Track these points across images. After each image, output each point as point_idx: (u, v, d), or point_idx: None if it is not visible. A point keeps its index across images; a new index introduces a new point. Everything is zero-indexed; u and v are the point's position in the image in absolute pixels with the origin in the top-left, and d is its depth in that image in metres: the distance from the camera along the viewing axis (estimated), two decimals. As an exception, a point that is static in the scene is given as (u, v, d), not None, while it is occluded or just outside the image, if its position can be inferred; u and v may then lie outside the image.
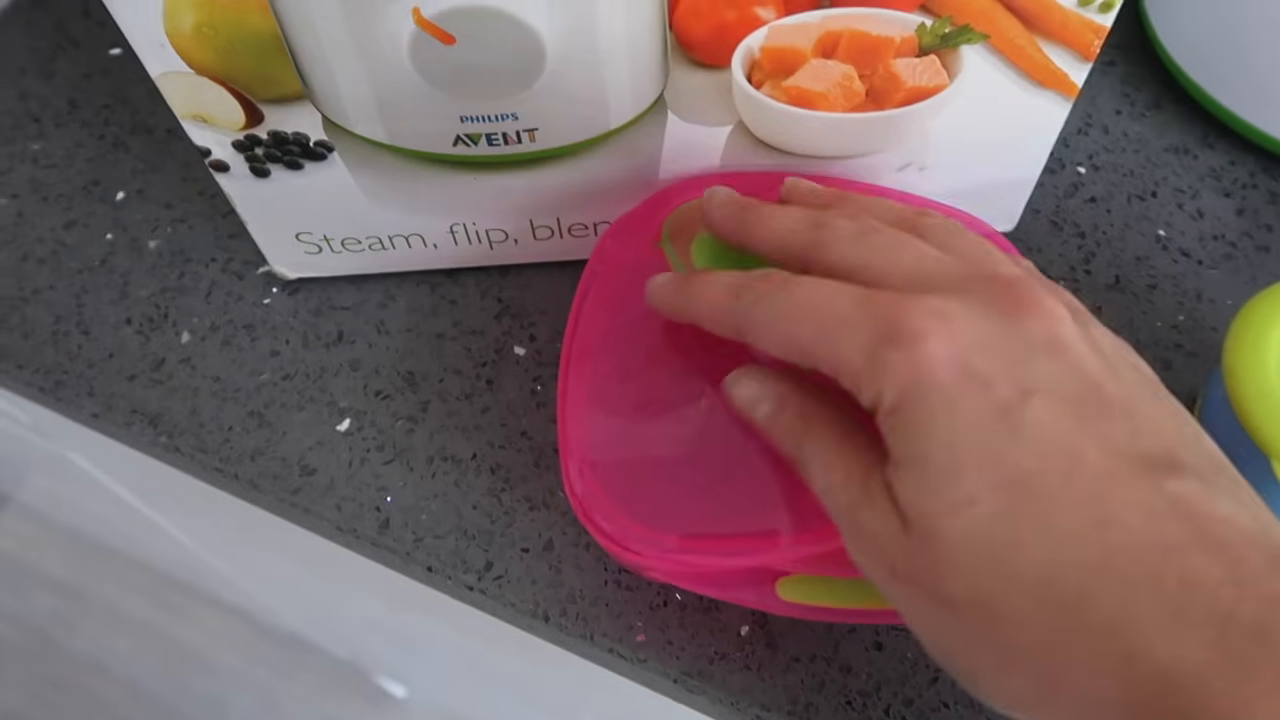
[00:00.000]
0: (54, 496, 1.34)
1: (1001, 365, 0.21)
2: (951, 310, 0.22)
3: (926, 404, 0.21)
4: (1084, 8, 0.31)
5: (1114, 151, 0.43)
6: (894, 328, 0.22)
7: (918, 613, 0.22)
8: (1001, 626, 0.20)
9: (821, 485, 0.25)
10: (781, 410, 0.27)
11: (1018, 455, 0.20)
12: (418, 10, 0.29)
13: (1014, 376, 0.21)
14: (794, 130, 0.34)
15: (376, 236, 0.39)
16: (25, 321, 0.41)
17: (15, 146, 0.46)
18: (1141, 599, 0.19)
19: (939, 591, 0.21)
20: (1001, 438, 0.20)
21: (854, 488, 0.23)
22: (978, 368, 0.21)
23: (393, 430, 0.38)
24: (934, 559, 0.21)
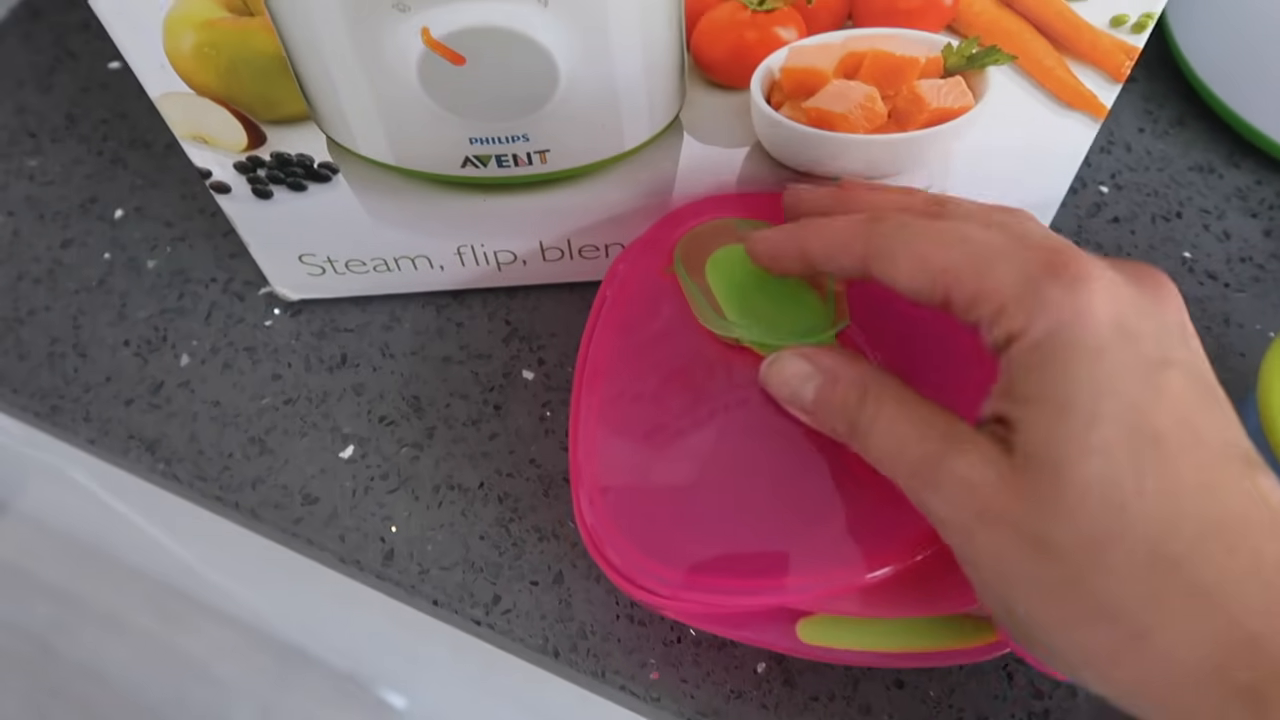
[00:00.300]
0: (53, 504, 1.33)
1: (1150, 330, 0.22)
2: (1107, 271, 0.22)
3: (1079, 346, 0.21)
4: (1116, 29, 0.30)
5: (1137, 170, 0.42)
6: (1059, 263, 0.22)
7: (998, 560, 0.22)
8: (1101, 575, 0.21)
9: (889, 445, 0.24)
10: (834, 386, 0.26)
11: (1155, 414, 0.21)
12: (427, 30, 0.28)
13: (1159, 343, 0.22)
14: (814, 152, 0.33)
15: (381, 258, 0.38)
16: (21, 343, 0.40)
17: (11, 162, 0.45)
18: (1241, 569, 0.20)
19: (1044, 534, 0.21)
20: (1144, 395, 0.21)
21: (934, 437, 0.23)
22: (1131, 325, 0.22)
23: (397, 457, 0.37)
24: (1050, 500, 0.21)
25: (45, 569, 1.36)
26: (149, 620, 1.32)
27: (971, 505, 0.22)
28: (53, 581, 1.36)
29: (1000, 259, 0.23)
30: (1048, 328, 0.22)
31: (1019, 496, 0.21)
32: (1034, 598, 0.22)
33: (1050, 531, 0.21)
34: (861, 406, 0.25)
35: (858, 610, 0.29)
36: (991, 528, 0.22)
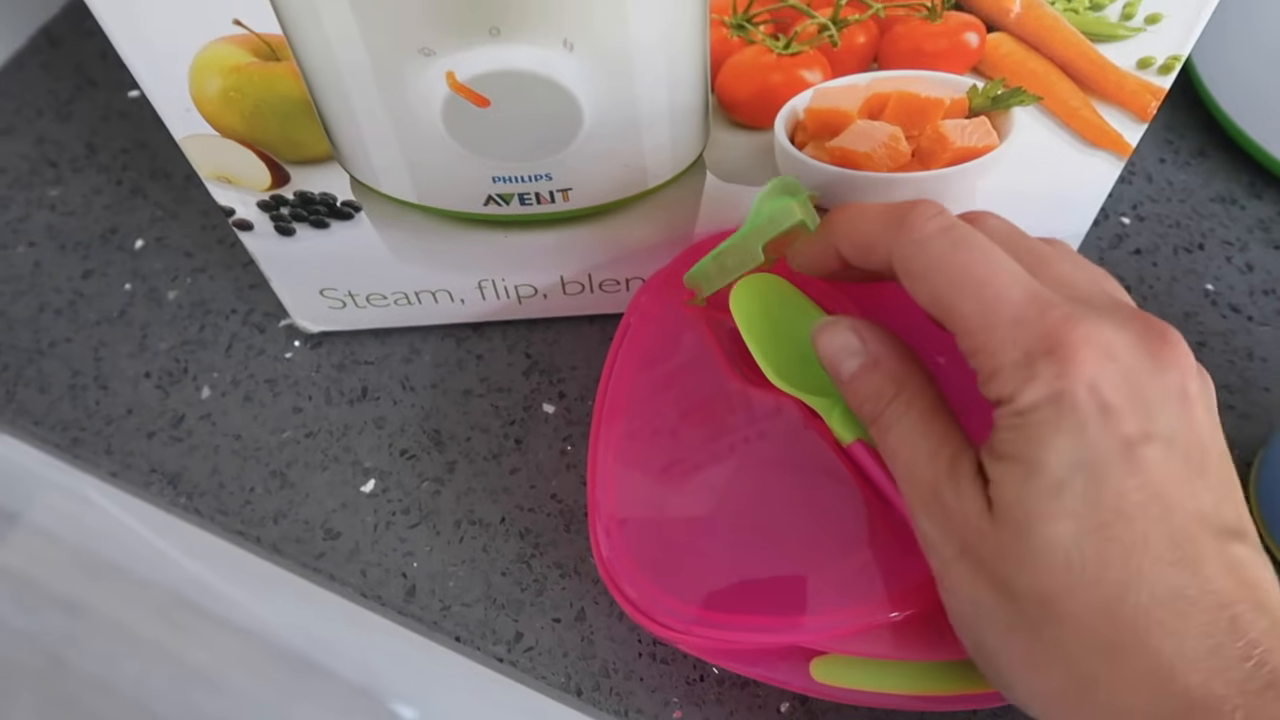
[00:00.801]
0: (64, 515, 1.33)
1: (1135, 404, 0.22)
2: (1109, 339, 0.23)
3: (1059, 419, 0.22)
4: (1143, 70, 0.30)
5: (1159, 201, 0.42)
6: (1057, 341, 0.23)
7: (971, 593, 0.23)
8: (1055, 626, 0.22)
9: (904, 455, 0.25)
10: (873, 370, 0.26)
11: (1126, 488, 0.22)
12: (452, 74, 0.28)
13: (1143, 417, 0.22)
14: (837, 190, 0.33)
15: (403, 292, 0.38)
16: (42, 375, 0.40)
17: (33, 192, 0.45)
18: (1191, 634, 0.21)
19: (1006, 579, 0.22)
20: (1116, 469, 0.22)
21: (941, 464, 0.24)
22: (1114, 404, 0.22)
23: (418, 492, 0.37)
24: (1013, 549, 0.22)
25: (56, 581, 1.37)
26: (160, 632, 1.32)
27: (954, 537, 0.24)
28: (64, 593, 1.36)
29: (1009, 325, 0.23)
30: (1033, 401, 0.23)
31: (987, 540, 0.23)
32: (998, 635, 0.23)
33: (1013, 579, 0.22)
34: (892, 403, 0.26)
35: (872, 652, 0.29)
36: (967, 562, 0.23)
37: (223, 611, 1.29)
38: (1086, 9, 0.28)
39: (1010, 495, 0.23)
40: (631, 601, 0.29)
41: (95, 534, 1.23)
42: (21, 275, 0.43)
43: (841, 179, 0.33)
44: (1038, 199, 0.34)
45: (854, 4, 0.28)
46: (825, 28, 0.28)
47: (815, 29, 0.28)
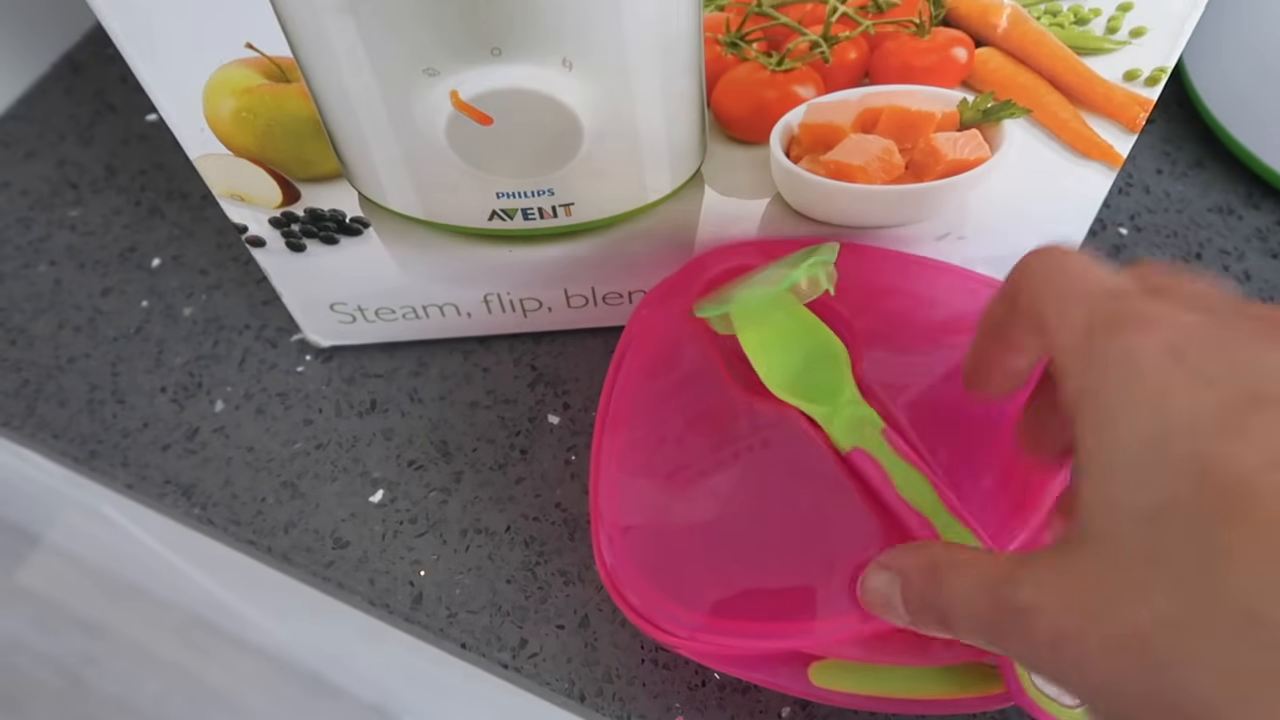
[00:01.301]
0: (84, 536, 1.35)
1: (1229, 366, 0.18)
2: (1184, 313, 0.19)
3: (1132, 401, 0.18)
4: (1130, 82, 0.30)
5: (1156, 212, 0.43)
6: (1118, 312, 0.20)
7: (1084, 669, 0.18)
8: (1180, 664, 0.17)
9: (965, 611, 0.21)
10: (909, 582, 0.24)
11: (1238, 454, 0.17)
12: (456, 93, 0.29)
13: (1244, 378, 0.18)
14: (832, 202, 0.34)
15: (410, 306, 0.39)
16: (61, 390, 0.41)
17: (54, 213, 0.47)
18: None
19: (1120, 629, 0.17)
20: (1220, 440, 0.17)
21: (1000, 569, 0.20)
22: (1198, 364, 0.18)
23: (426, 501, 0.38)
24: (1111, 583, 0.18)
25: (77, 602, 1.38)
26: (178, 652, 1.33)
27: (1047, 630, 0.19)
28: (84, 614, 1.37)
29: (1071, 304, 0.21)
30: (1099, 381, 0.19)
31: (1085, 594, 0.18)
32: (1118, 699, 0.18)
33: (1126, 619, 0.18)
34: (938, 586, 0.22)
35: (868, 657, 0.29)
36: (1071, 647, 0.19)
37: (240, 632, 1.30)
38: (1072, 23, 0.29)
39: (1095, 509, 0.19)
40: (633, 608, 0.29)
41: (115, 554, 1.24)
42: (42, 293, 0.44)
43: (837, 191, 0.33)
44: (1031, 210, 0.35)
45: (844, 21, 0.29)
46: (817, 45, 0.29)
47: (807, 46, 0.29)
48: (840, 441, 0.30)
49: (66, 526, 1.40)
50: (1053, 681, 0.20)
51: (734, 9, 0.28)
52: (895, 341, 0.33)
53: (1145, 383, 0.18)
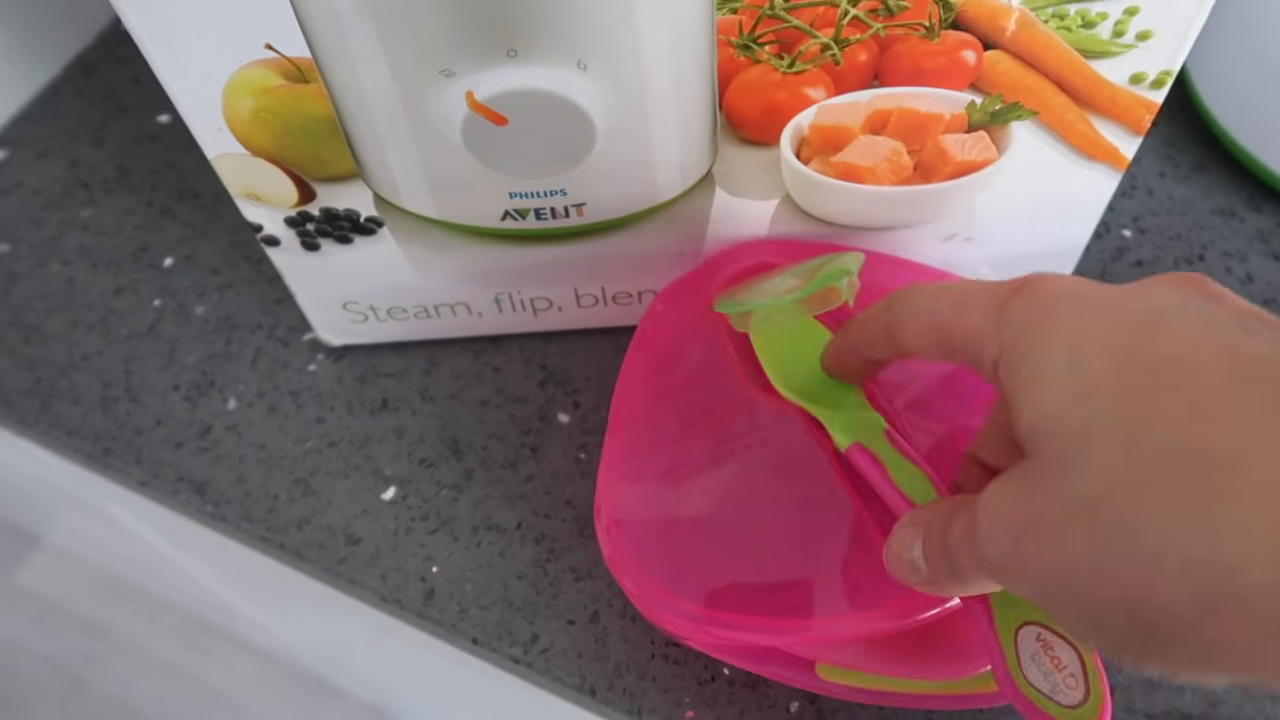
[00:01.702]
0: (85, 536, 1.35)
1: (1134, 297, 0.20)
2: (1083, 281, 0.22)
3: (1046, 326, 0.20)
4: (1135, 85, 0.31)
5: (1159, 214, 0.43)
6: (1022, 282, 0.22)
7: (1056, 559, 0.19)
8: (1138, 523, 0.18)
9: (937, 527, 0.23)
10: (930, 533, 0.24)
11: (1156, 344, 0.19)
12: (471, 94, 0.30)
13: (1149, 303, 0.20)
14: (841, 203, 0.34)
15: (422, 305, 0.39)
16: (75, 388, 0.42)
17: (66, 214, 0.47)
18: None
19: (1068, 505, 0.19)
20: (1135, 333, 0.19)
21: (953, 500, 0.23)
22: (1107, 296, 0.20)
23: (437, 499, 0.38)
24: (1057, 469, 0.19)
25: (77, 602, 1.38)
26: (178, 653, 1.33)
27: (1006, 526, 0.20)
28: (84, 615, 1.37)
29: (976, 296, 0.23)
30: (1015, 329, 0.21)
31: (1032, 490, 0.20)
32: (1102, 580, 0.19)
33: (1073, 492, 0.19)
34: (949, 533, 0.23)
35: (852, 663, 0.30)
36: (1028, 541, 0.20)
37: (240, 632, 1.30)
38: (1079, 26, 0.29)
39: (1030, 415, 0.20)
40: (633, 596, 0.30)
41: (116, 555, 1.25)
42: (55, 292, 0.45)
43: (847, 192, 0.34)
44: (1038, 211, 0.36)
45: (855, 24, 0.29)
46: (828, 47, 0.30)
47: (818, 48, 0.30)
48: (840, 439, 0.30)
49: (67, 527, 1.40)
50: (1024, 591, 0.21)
51: (747, 11, 0.29)
52: None
53: (1057, 315, 0.20)
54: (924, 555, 0.24)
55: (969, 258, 0.37)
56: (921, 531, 0.24)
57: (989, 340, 0.22)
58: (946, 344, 0.24)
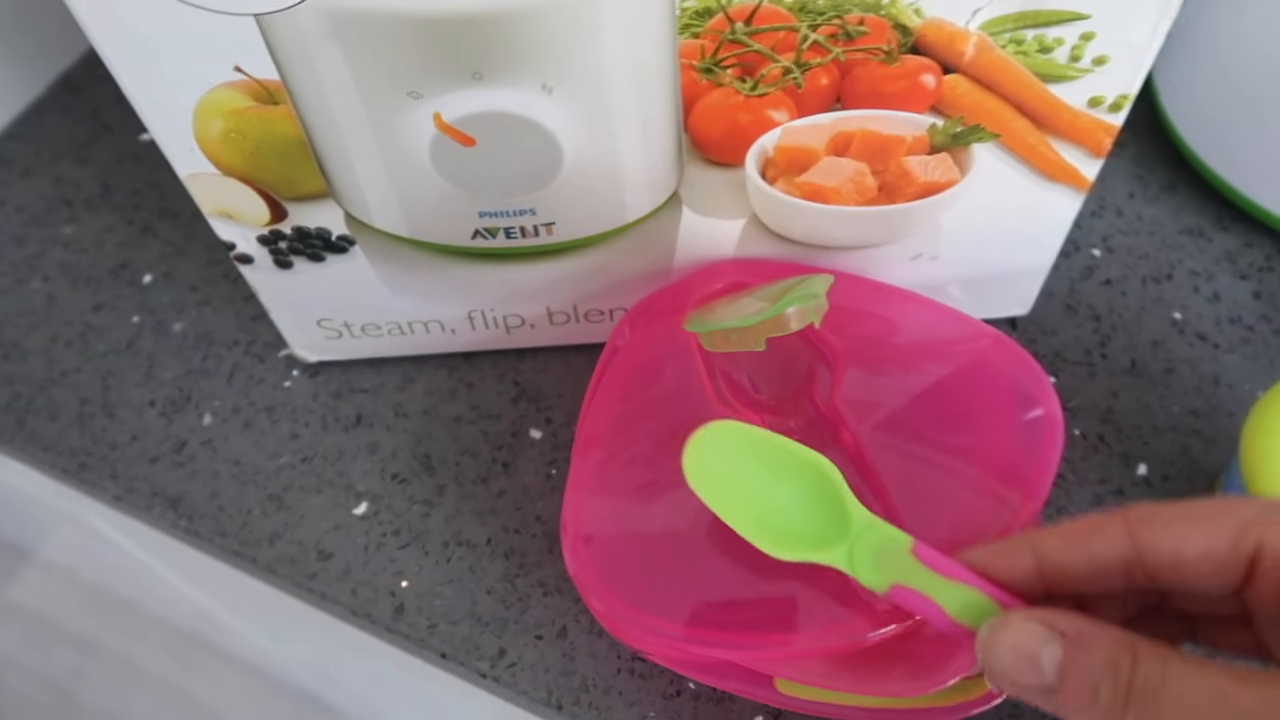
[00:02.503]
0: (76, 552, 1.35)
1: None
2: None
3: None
4: (1094, 108, 0.31)
5: (1128, 234, 0.44)
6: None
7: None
8: None
9: (1199, 699, 0.20)
10: (1089, 648, 0.21)
11: None
12: (439, 115, 0.30)
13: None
14: (807, 223, 0.35)
15: (396, 322, 0.39)
16: (52, 404, 0.42)
17: (48, 231, 0.47)
18: None
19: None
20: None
21: (1263, 694, 0.19)
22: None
23: (409, 514, 0.38)
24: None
25: (67, 617, 1.38)
26: (168, 668, 1.33)
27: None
28: (74, 630, 1.37)
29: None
30: None
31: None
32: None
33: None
34: (1136, 667, 0.20)
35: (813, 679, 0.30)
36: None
37: (230, 647, 1.29)
38: (1036, 51, 0.30)
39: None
40: (600, 614, 0.30)
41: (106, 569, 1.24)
42: (35, 309, 0.45)
43: (812, 212, 0.34)
44: (1002, 232, 0.36)
45: (815, 49, 0.30)
46: (789, 70, 0.30)
47: (780, 72, 0.30)
48: (874, 582, 0.25)
49: (58, 542, 1.40)
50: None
51: (709, 36, 0.29)
52: (871, 364, 0.34)
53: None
54: (1065, 669, 0.21)
55: (936, 277, 0.38)
56: (1060, 643, 0.21)
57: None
58: (1259, 547, 0.21)
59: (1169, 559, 0.22)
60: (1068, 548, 0.23)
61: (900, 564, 0.24)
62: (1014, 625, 0.22)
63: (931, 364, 0.34)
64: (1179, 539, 0.22)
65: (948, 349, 0.34)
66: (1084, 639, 0.21)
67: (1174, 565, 0.22)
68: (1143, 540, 0.22)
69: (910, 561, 0.24)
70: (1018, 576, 0.23)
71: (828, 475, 0.27)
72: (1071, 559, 0.23)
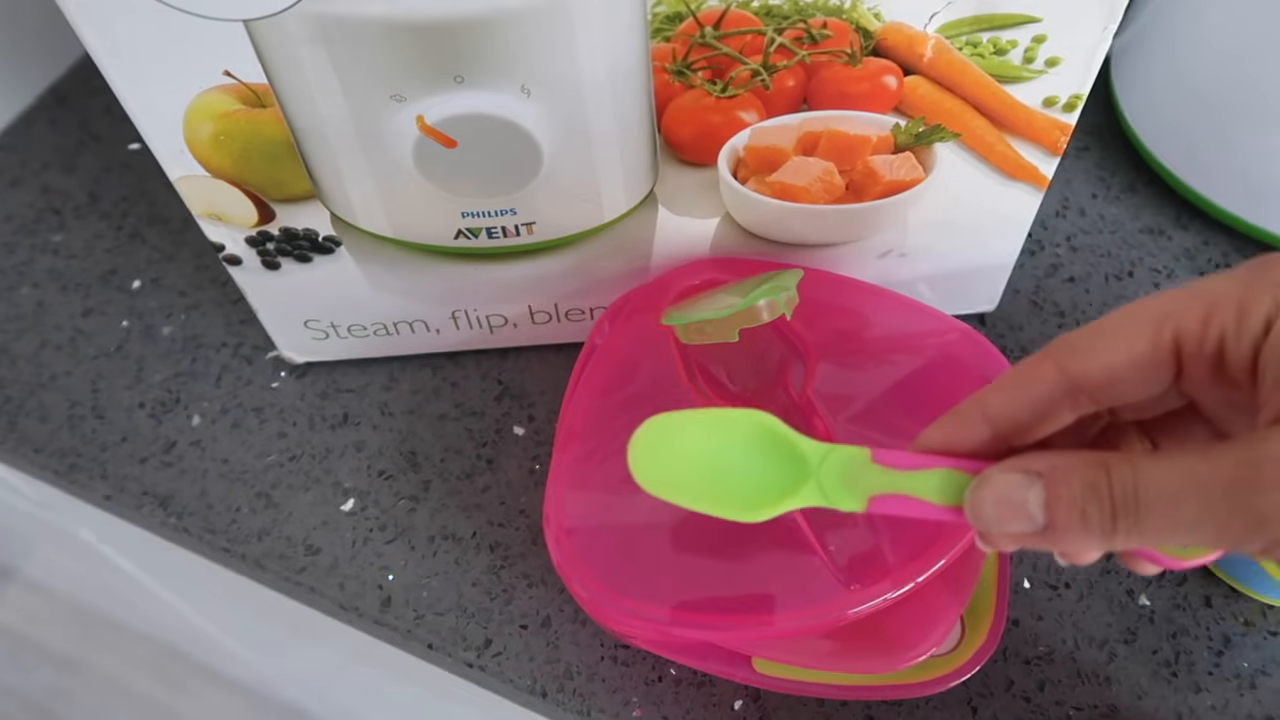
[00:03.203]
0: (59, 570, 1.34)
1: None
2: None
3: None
4: (1049, 108, 0.33)
5: (1091, 233, 0.45)
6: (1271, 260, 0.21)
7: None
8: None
9: (1174, 485, 0.20)
10: (1062, 482, 0.22)
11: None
12: (421, 118, 0.31)
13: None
14: (779, 221, 0.36)
15: (381, 323, 0.40)
16: (42, 406, 0.43)
17: (37, 238, 0.48)
18: None
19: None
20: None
21: (1227, 462, 0.20)
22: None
23: (395, 509, 0.39)
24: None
25: (49, 635, 1.37)
26: (152, 686, 1.32)
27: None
28: (56, 648, 1.36)
29: (1211, 280, 0.22)
30: None
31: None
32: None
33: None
34: (1112, 480, 0.21)
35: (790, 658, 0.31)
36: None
37: (216, 664, 1.29)
38: (992, 53, 0.31)
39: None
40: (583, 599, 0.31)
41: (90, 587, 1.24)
42: (25, 314, 0.46)
43: (783, 210, 0.36)
44: (967, 229, 0.37)
45: (782, 51, 0.31)
46: (757, 73, 0.31)
47: (748, 74, 0.31)
48: (851, 503, 0.25)
49: (41, 560, 1.39)
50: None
51: (680, 40, 0.30)
52: (843, 357, 0.35)
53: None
54: (1054, 502, 0.22)
55: (905, 273, 0.39)
56: (1041, 482, 0.22)
57: (1254, 310, 0.21)
58: (1175, 339, 0.22)
59: (1101, 378, 0.22)
60: (1011, 400, 0.24)
61: (869, 476, 0.24)
62: (992, 480, 0.22)
63: (902, 357, 0.36)
64: (1103, 357, 0.22)
65: (918, 342, 0.36)
66: (1059, 472, 0.22)
67: (1108, 382, 0.22)
68: (1071, 369, 0.23)
69: (876, 470, 0.24)
70: (978, 443, 0.24)
71: (767, 425, 0.26)
72: (1018, 409, 0.23)
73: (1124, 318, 0.22)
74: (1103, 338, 0.22)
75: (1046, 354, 0.23)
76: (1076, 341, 0.23)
